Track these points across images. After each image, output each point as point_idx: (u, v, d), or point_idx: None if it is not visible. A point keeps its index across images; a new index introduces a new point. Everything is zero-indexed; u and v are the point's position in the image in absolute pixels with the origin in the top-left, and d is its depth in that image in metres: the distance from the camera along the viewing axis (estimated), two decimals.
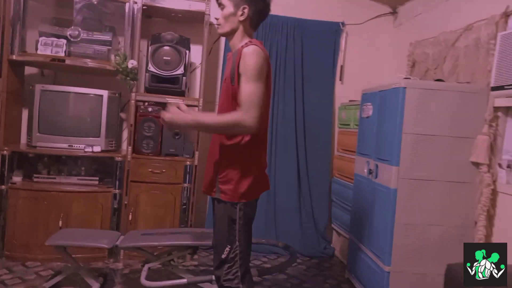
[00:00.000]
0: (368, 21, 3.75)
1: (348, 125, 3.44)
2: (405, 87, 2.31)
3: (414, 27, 3.42)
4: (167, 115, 1.59)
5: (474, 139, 2.33)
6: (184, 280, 2.32)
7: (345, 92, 3.71)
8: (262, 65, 1.61)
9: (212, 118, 1.70)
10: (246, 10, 1.68)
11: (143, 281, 2.26)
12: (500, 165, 2.29)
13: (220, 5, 1.72)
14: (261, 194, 1.80)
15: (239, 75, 1.62)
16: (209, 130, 1.75)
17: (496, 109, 2.31)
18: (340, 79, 3.77)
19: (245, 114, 1.56)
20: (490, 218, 2.31)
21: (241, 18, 1.69)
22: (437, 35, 2.92)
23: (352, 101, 3.45)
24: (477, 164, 2.33)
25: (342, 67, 3.76)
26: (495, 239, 2.31)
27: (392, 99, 2.41)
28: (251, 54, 1.60)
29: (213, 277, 2.23)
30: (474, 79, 2.46)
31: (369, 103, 2.77)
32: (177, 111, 1.61)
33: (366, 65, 3.75)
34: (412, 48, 3.27)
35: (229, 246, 1.68)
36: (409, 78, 2.57)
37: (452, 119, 2.34)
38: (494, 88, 2.28)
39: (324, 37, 3.67)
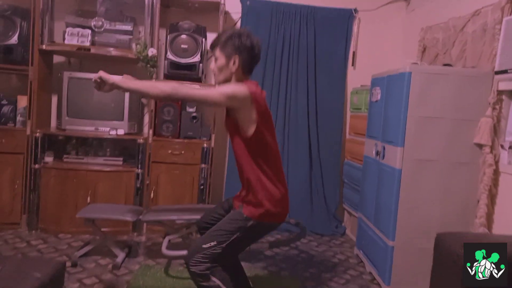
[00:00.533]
0: (381, 7, 3.81)
1: (360, 109, 3.55)
2: (411, 72, 2.41)
3: (425, 13, 3.47)
4: (105, 74, 1.70)
5: (478, 122, 2.41)
6: None
7: (358, 77, 3.79)
8: (237, 93, 1.69)
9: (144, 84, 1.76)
10: (237, 60, 1.77)
11: (164, 250, 2.47)
12: (502, 146, 2.38)
13: (215, 58, 1.83)
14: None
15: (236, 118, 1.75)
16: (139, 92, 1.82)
17: (500, 92, 2.38)
18: (353, 65, 3.87)
19: (217, 88, 1.70)
20: (492, 197, 2.41)
21: (233, 68, 1.79)
22: (447, 20, 2.98)
23: (363, 86, 3.55)
24: (480, 146, 2.43)
25: (354, 53, 3.85)
26: (496, 216, 2.41)
27: (398, 83, 2.51)
28: (236, 84, 1.76)
29: None
30: (480, 64, 2.53)
31: (378, 87, 2.88)
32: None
33: (378, 51, 3.83)
34: (423, 34, 3.33)
35: (215, 243, 1.73)
36: (417, 63, 2.65)
37: (456, 102, 2.43)
38: (498, 72, 2.35)
39: (336, 24, 3.76)
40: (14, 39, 3.07)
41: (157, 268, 2.68)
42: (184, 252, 2.54)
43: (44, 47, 3.14)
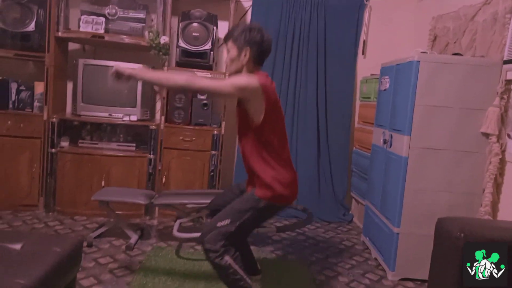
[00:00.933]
0: None
1: (369, 98, 3.57)
2: (419, 61, 2.43)
3: (436, 2, 3.45)
4: (120, 67, 1.76)
5: (485, 111, 2.43)
6: None
7: (368, 66, 3.80)
8: (248, 85, 1.77)
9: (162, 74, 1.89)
10: (248, 53, 1.87)
11: (175, 233, 2.56)
12: (509, 136, 2.39)
13: (227, 50, 1.93)
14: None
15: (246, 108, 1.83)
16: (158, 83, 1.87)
17: (508, 82, 2.39)
18: (363, 53, 3.87)
19: (227, 80, 1.78)
20: (497, 186, 2.44)
21: (244, 60, 1.88)
22: (457, 9, 2.96)
23: (373, 75, 3.56)
24: (487, 135, 2.45)
25: (365, 41, 3.85)
26: (502, 205, 2.44)
27: (406, 72, 2.53)
28: (247, 76, 1.83)
29: None
30: (490, 53, 2.54)
31: (387, 77, 2.90)
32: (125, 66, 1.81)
33: (388, 40, 3.82)
34: (434, 22, 3.32)
35: (229, 221, 1.83)
36: (426, 52, 2.66)
37: (464, 91, 2.45)
38: (507, 62, 2.36)
39: (347, 12, 3.76)
40: (31, 27, 3.15)
41: (169, 249, 2.78)
42: (195, 235, 2.64)
43: (59, 34, 3.22)
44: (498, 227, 1.62)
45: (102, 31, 3.25)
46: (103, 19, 3.26)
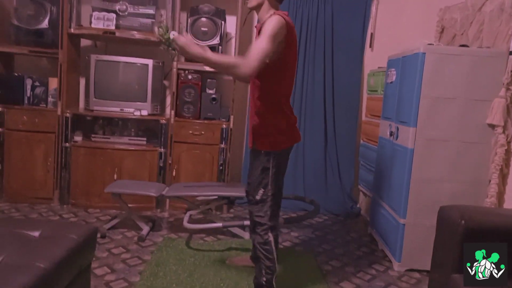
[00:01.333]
0: None
1: (376, 91, 3.58)
2: (425, 52, 2.44)
3: None
4: (182, 39, 1.76)
5: (491, 102, 2.44)
6: (219, 224, 2.69)
7: (375, 59, 3.81)
8: (278, 30, 1.78)
9: (217, 56, 1.83)
10: None
11: (185, 224, 2.64)
12: None
13: None
14: (290, 153, 2.11)
15: None
16: (211, 65, 1.85)
17: None
18: (370, 46, 3.88)
19: (245, 62, 1.71)
20: (503, 176, 2.45)
21: None
22: (465, 0, 2.96)
23: (380, 68, 3.57)
24: (492, 126, 2.45)
25: (372, 34, 3.86)
26: (508, 196, 2.45)
27: (412, 64, 2.55)
28: (272, 20, 1.81)
29: (244, 222, 2.59)
30: (496, 44, 2.53)
31: (393, 69, 2.91)
32: (191, 39, 1.83)
33: (396, 32, 3.81)
34: (442, 14, 3.31)
35: (263, 190, 1.99)
36: (432, 44, 2.67)
37: (470, 82, 2.45)
38: None
39: (354, 5, 3.78)
40: (45, 23, 3.24)
41: (179, 240, 2.85)
42: (205, 226, 2.71)
43: (72, 30, 3.30)
44: (499, 214, 1.64)
45: (113, 27, 3.33)
46: (114, 15, 3.33)
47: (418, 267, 2.60)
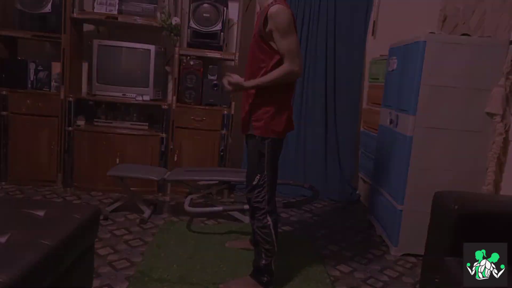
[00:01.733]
0: None
1: (378, 79, 3.60)
2: (426, 41, 2.45)
3: None
4: (234, 78, 1.97)
5: (490, 91, 2.45)
6: (220, 208, 2.75)
7: (378, 47, 3.80)
8: (289, 19, 1.89)
9: (266, 77, 1.95)
10: None
11: (186, 207, 2.69)
12: None
13: None
14: (288, 139, 2.15)
15: (265, 32, 1.90)
16: (268, 85, 1.97)
17: None
18: (373, 34, 3.87)
19: (292, 64, 1.90)
20: (500, 165, 2.48)
21: None
22: None
23: (382, 56, 3.58)
24: (491, 115, 2.48)
25: (375, 22, 3.84)
26: (504, 184, 2.49)
27: (413, 52, 2.56)
28: (278, 13, 1.85)
29: (244, 206, 2.64)
30: (497, 33, 2.54)
31: (395, 57, 2.92)
32: (238, 78, 1.98)
33: (399, 21, 3.79)
34: (445, 3, 3.30)
35: (259, 175, 2.03)
36: (434, 33, 2.68)
37: (470, 72, 2.47)
38: None
39: None
40: (48, 8, 3.24)
41: (180, 223, 2.91)
42: (205, 209, 2.76)
43: (75, 15, 3.31)
44: (492, 200, 1.68)
45: (115, 12, 3.33)
46: (116, 0, 3.33)
47: (414, 252, 2.65)
